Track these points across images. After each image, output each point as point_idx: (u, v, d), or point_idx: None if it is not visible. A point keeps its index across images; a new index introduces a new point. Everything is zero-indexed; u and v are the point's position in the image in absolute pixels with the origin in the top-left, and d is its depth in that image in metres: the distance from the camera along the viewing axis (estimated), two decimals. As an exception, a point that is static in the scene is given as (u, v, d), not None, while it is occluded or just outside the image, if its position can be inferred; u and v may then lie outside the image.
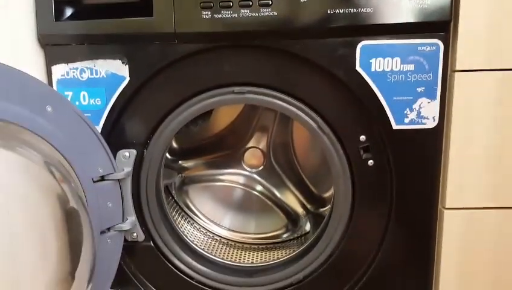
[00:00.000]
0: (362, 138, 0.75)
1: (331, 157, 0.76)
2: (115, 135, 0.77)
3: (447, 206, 0.75)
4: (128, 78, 0.75)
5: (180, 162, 1.08)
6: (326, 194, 1.04)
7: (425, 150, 0.74)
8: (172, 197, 1.07)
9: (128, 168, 0.77)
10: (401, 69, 0.72)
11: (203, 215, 1.07)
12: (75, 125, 0.68)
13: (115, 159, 0.76)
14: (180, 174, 1.09)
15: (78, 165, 0.67)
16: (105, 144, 0.72)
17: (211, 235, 1.06)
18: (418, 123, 0.73)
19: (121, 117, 0.77)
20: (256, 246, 1.03)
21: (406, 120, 0.73)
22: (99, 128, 0.77)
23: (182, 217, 1.06)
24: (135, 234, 0.80)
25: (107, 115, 0.76)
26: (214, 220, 1.07)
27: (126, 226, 0.76)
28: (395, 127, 0.73)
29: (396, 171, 0.75)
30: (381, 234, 0.78)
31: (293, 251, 0.96)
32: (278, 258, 0.93)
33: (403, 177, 0.75)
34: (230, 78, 0.75)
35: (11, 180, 0.53)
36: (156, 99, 0.76)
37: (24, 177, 0.55)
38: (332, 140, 0.75)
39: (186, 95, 0.76)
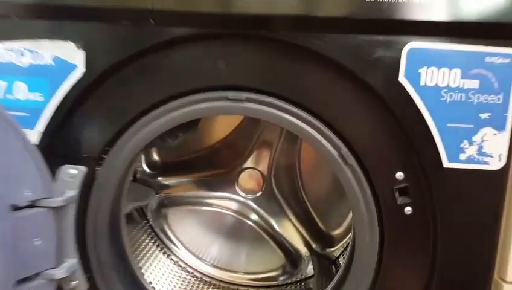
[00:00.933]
0: (399, 175, 0.57)
1: (355, 199, 0.58)
2: (58, 145, 0.59)
3: (508, 280, 0.58)
4: (82, 68, 0.57)
5: (159, 178, 0.98)
6: (336, 232, 0.93)
7: (484, 200, 0.57)
8: (147, 222, 0.97)
9: (72, 192, 0.58)
10: (461, 86, 0.54)
11: (183, 245, 0.97)
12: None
13: (55, 178, 0.57)
14: (158, 194, 0.98)
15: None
16: (38, 157, 0.53)
17: (191, 271, 0.96)
18: (478, 162, 0.56)
19: (68, 120, 0.59)
20: (245, 289, 0.94)
21: (462, 157, 0.55)
22: (35, 133, 0.58)
23: (157, 246, 0.96)
24: (75, 283, 0.59)
25: (51, 117, 0.58)
26: (196, 252, 0.97)
27: (61, 272, 0.56)
28: (446, 165, 0.56)
29: (442, 225, 0.57)
30: None
31: None
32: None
33: (451, 233, 0.58)
34: (224, 79, 0.57)
35: None
36: (119, 100, 0.58)
37: None
38: (358, 175, 0.58)
39: (160, 97, 0.58)
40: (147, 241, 0.93)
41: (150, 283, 0.77)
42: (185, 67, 0.57)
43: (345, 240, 0.90)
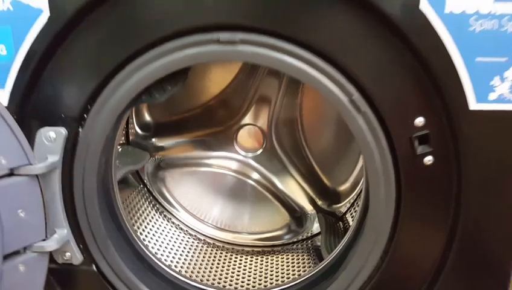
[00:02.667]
0: (419, 120, 0.50)
1: (368, 150, 0.52)
2: (31, 106, 0.52)
3: None
4: (47, 12, 0.49)
5: (153, 140, 0.94)
6: (343, 187, 0.91)
7: None
8: (145, 185, 0.93)
9: (55, 157, 0.52)
10: (493, 12, 0.46)
11: (184, 208, 0.94)
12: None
13: (32, 143, 0.51)
14: (154, 156, 0.94)
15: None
16: (11, 121, 0.48)
17: (193, 233, 0.94)
18: (510, 102, 0.49)
19: (39, 76, 0.52)
20: (250, 249, 0.91)
21: (492, 96, 0.48)
22: (4, 93, 0.51)
23: (157, 210, 0.93)
24: (68, 254, 0.55)
25: (18, 73, 0.51)
26: (197, 214, 0.94)
27: (51, 244, 0.52)
28: (473, 106, 0.49)
29: (467, 177, 0.52)
30: (436, 266, 0.56)
31: (300, 261, 0.83)
32: (279, 271, 0.79)
33: (476, 188, 0.52)
34: (213, 18, 0.50)
35: None
36: (95, 49, 0.51)
37: None
38: (371, 123, 0.51)
39: (142, 43, 0.50)
40: (145, 205, 0.90)
41: (152, 248, 0.74)
42: (167, 4, 0.49)
43: (352, 195, 0.88)
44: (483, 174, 0.52)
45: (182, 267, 0.79)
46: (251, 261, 0.86)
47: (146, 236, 0.82)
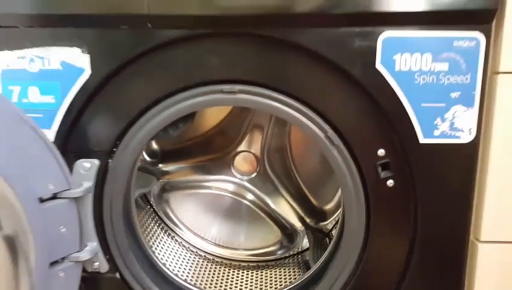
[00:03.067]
0: (381, 152, 0.62)
1: (342, 176, 0.63)
2: (72, 142, 0.63)
3: (481, 239, 0.64)
4: (88, 71, 0.61)
5: (160, 165, 1.01)
6: (328, 206, 0.97)
7: (458, 170, 0.62)
8: (151, 206, 0.99)
9: (88, 183, 0.63)
10: (432, 69, 0.59)
11: (186, 227, 0.99)
12: (16, 132, 0.54)
13: (71, 171, 0.62)
14: (160, 180, 1.01)
15: (18, 182, 0.52)
16: (57, 154, 0.58)
17: (194, 250, 0.99)
18: (450, 136, 0.61)
19: (79, 119, 0.63)
20: (246, 264, 0.96)
21: (436, 132, 0.61)
22: (52, 132, 0.62)
23: (162, 229, 0.98)
24: (97, 264, 0.65)
25: (63, 117, 0.62)
26: (198, 232, 0.99)
27: (85, 255, 0.62)
28: (422, 140, 0.61)
29: (421, 194, 0.63)
30: (401, 269, 0.66)
31: (291, 274, 0.88)
32: (272, 284, 0.85)
33: (429, 201, 0.63)
34: (218, 74, 0.61)
35: None
36: (125, 98, 0.62)
37: None
38: (344, 154, 0.63)
39: (162, 93, 0.62)
40: (152, 225, 0.96)
41: (161, 259, 0.82)
42: (182, 64, 0.61)
43: (336, 214, 0.93)
44: (433, 192, 0.63)
45: (187, 276, 0.85)
46: (247, 275, 0.91)
47: (154, 250, 0.89)
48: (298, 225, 0.98)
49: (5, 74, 0.62)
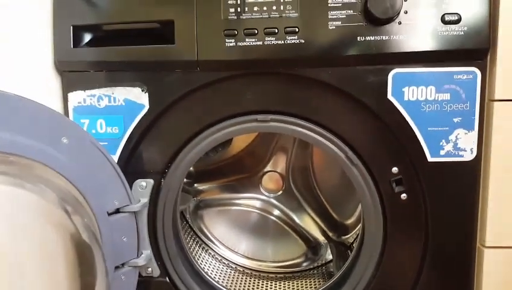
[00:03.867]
0: (394, 170, 0.71)
1: (361, 191, 0.72)
2: (131, 164, 0.75)
3: (487, 245, 0.71)
4: (147, 106, 0.73)
5: (195, 185, 1.08)
6: (349, 221, 1.02)
7: (463, 184, 0.70)
8: (187, 222, 1.06)
9: (145, 199, 0.74)
10: (436, 99, 0.68)
11: (218, 241, 1.05)
12: (91, 156, 0.65)
13: (131, 189, 0.73)
14: (194, 198, 1.08)
15: (93, 198, 0.63)
16: (121, 175, 0.69)
17: (226, 262, 1.04)
18: (454, 155, 0.69)
19: (138, 146, 0.75)
20: (274, 275, 1.00)
21: (442, 152, 0.69)
22: (115, 157, 0.74)
23: (197, 243, 1.04)
24: (150, 269, 0.76)
25: (125, 144, 0.74)
26: (229, 246, 1.05)
27: (141, 261, 0.73)
28: (430, 159, 0.69)
29: (431, 206, 0.71)
30: (416, 272, 0.74)
31: (317, 285, 0.93)
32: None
33: (438, 212, 0.71)
34: (253, 106, 0.72)
35: (21, 219, 0.50)
36: (176, 128, 0.74)
37: (35, 216, 0.52)
38: (363, 172, 0.72)
39: (206, 123, 0.73)
40: (187, 239, 1.03)
41: (203, 268, 0.90)
42: (223, 99, 0.72)
43: (357, 227, 0.95)
44: (441, 204, 0.70)
45: (224, 284, 0.92)
46: (275, 285, 0.96)
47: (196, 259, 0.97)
48: (321, 238, 1.04)
49: (77, 110, 0.75)
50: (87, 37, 0.74)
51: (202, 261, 1.00)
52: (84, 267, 0.60)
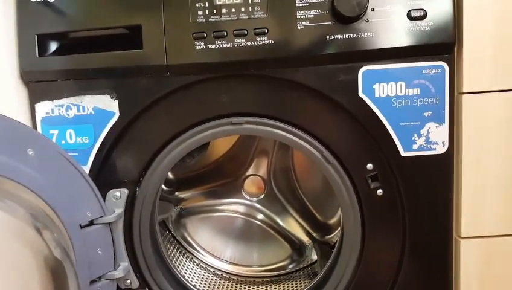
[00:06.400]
0: (369, 166, 0.71)
1: (338, 189, 0.72)
2: (104, 175, 0.73)
3: (462, 236, 0.71)
4: (118, 114, 0.71)
5: (176, 193, 1.07)
6: (332, 221, 1.02)
7: (437, 177, 0.71)
8: (170, 232, 1.05)
9: (120, 210, 0.72)
10: (406, 94, 0.69)
11: (203, 248, 1.04)
12: (60, 168, 0.64)
13: (104, 200, 0.71)
14: (176, 207, 1.07)
15: (63, 211, 0.62)
16: (93, 186, 0.68)
17: (212, 270, 1.03)
18: (427, 149, 0.70)
19: (110, 155, 0.73)
20: (260, 280, 1.00)
21: (415, 146, 0.70)
22: (87, 168, 0.72)
23: (180, 252, 1.03)
24: (129, 281, 0.74)
25: (96, 154, 0.73)
26: (214, 253, 1.04)
27: (119, 273, 0.71)
28: (403, 154, 0.70)
29: (407, 200, 0.72)
30: (396, 266, 0.74)
31: (303, 286, 0.92)
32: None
33: (414, 206, 0.72)
34: (227, 109, 0.72)
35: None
36: (148, 135, 0.73)
37: (5, 235, 0.50)
38: (338, 170, 0.72)
39: (180, 128, 0.72)
40: (171, 249, 1.02)
41: (184, 277, 0.89)
42: (196, 103, 0.71)
43: (341, 226, 0.96)
44: (416, 197, 0.71)
45: None
46: (262, 289, 0.95)
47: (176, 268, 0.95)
48: (306, 239, 1.04)
49: (45, 120, 0.73)
50: (53, 46, 0.72)
51: (187, 270, 0.99)
52: (57, 283, 0.59)
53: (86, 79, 0.71)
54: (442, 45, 0.67)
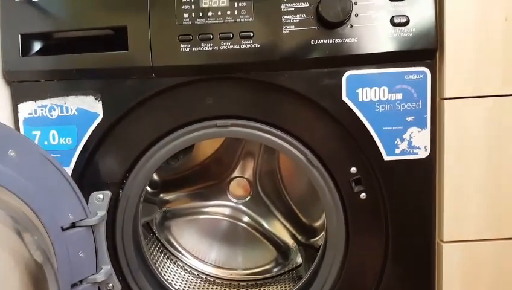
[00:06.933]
0: (353, 170, 0.72)
1: (322, 192, 0.73)
2: (87, 176, 0.73)
3: (444, 240, 0.73)
4: (101, 115, 0.71)
5: (161, 195, 1.06)
6: (317, 223, 1.03)
7: (419, 181, 0.72)
8: (154, 234, 1.04)
9: (102, 212, 0.71)
10: (389, 99, 0.70)
11: (187, 251, 1.04)
12: (41, 169, 0.63)
13: (87, 202, 0.71)
14: (161, 209, 1.06)
15: (45, 213, 0.61)
16: (75, 188, 0.67)
17: (196, 273, 1.03)
18: (409, 153, 0.71)
19: (93, 156, 0.73)
20: (245, 283, 1.00)
21: (397, 151, 0.71)
22: (69, 169, 0.71)
23: (164, 255, 1.03)
24: (111, 285, 0.73)
25: (79, 155, 0.72)
26: (199, 256, 1.04)
27: (100, 277, 0.70)
28: (386, 158, 0.71)
29: (390, 204, 0.73)
30: (379, 269, 0.75)
31: (287, 289, 0.94)
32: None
33: (397, 210, 0.73)
34: (212, 111, 0.72)
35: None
36: (132, 136, 0.72)
37: None
38: (322, 173, 0.72)
39: (165, 130, 0.72)
40: (155, 252, 1.02)
41: (167, 280, 0.89)
42: (182, 105, 0.71)
43: (325, 229, 0.95)
44: (399, 201, 0.72)
45: None
46: None
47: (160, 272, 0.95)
48: (291, 242, 1.04)
49: (28, 121, 0.72)
50: (36, 46, 0.71)
51: (171, 273, 0.98)
52: (38, 287, 0.58)
53: (70, 80, 0.71)
54: (424, 51, 0.68)
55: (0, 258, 0.52)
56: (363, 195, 0.73)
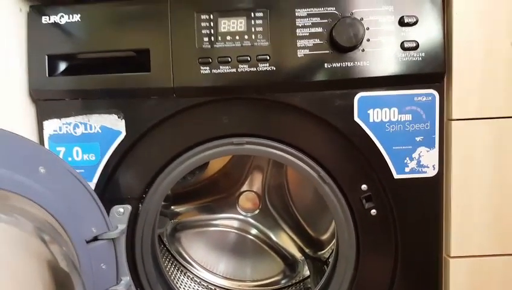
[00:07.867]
0: (364, 187, 0.74)
1: (334, 208, 0.75)
2: (109, 191, 0.75)
3: (452, 255, 0.75)
4: (124, 133, 0.74)
5: (172, 207, 1.08)
6: (324, 236, 1.04)
7: (427, 199, 0.75)
8: (164, 246, 1.06)
9: (123, 226, 0.74)
10: (399, 119, 0.73)
11: (197, 263, 1.05)
12: (68, 185, 0.65)
13: (108, 216, 0.73)
14: (172, 221, 1.08)
15: (71, 226, 0.63)
16: (99, 202, 0.69)
17: (205, 284, 1.04)
18: (418, 172, 0.74)
19: (115, 172, 0.75)
20: None
21: (407, 169, 0.73)
22: (92, 184, 0.74)
23: (175, 266, 1.04)
24: (130, 296, 0.75)
25: (102, 171, 0.74)
26: (208, 267, 1.05)
27: (121, 288, 0.72)
28: (396, 176, 0.74)
29: (399, 220, 0.75)
30: (388, 283, 0.77)
31: None
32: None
33: (405, 226, 0.75)
34: (228, 130, 0.74)
35: (-1, 251, 0.50)
36: (153, 153, 0.75)
37: (11, 246, 0.52)
38: (334, 190, 0.75)
39: (183, 147, 0.75)
40: (166, 263, 1.03)
41: None
42: (200, 124, 0.74)
43: (332, 242, 0.99)
44: (408, 217, 0.74)
45: None
46: None
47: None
48: (298, 255, 1.06)
49: (52, 138, 0.75)
50: (62, 66, 0.74)
51: (181, 284, 1.00)
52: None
53: (94, 99, 0.74)
54: (433, 74, 0.71)
55: (29, 266, 0.54)
56: (373, 211, 0.75)
